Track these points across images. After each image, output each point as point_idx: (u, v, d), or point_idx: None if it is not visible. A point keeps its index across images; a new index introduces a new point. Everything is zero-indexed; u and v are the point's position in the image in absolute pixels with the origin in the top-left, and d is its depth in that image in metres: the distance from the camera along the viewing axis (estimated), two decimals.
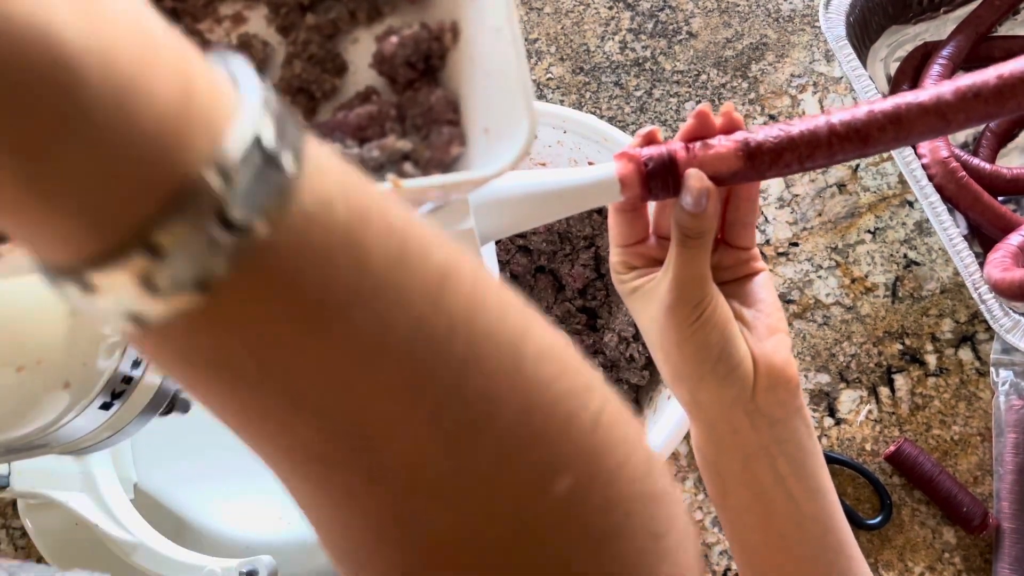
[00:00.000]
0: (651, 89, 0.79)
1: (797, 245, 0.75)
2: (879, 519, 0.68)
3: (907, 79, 0.75)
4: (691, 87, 0.79)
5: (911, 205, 0.75)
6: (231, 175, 0.18)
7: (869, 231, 0.75)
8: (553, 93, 0.79)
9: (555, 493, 0.23)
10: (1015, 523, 0.66)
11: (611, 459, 0.24)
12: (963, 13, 0.77)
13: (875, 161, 0.76)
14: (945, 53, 0.73)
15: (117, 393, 0.39)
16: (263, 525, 0.66)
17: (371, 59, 0.34)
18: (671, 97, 0.79)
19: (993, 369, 0.70)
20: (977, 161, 0.71)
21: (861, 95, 0.70)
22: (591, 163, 0.66)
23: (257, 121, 0.19)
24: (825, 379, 0.72)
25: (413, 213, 0.22)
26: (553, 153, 0.67)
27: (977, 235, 0.71)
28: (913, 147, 0.69)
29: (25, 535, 0.69)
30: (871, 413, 0.71)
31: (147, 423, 0.43)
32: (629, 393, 0.70)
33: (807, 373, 0.72)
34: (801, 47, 0.80)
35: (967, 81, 0.35)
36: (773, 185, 0.76)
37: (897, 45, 0.78)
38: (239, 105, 0.19)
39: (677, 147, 0.40)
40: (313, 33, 0.34)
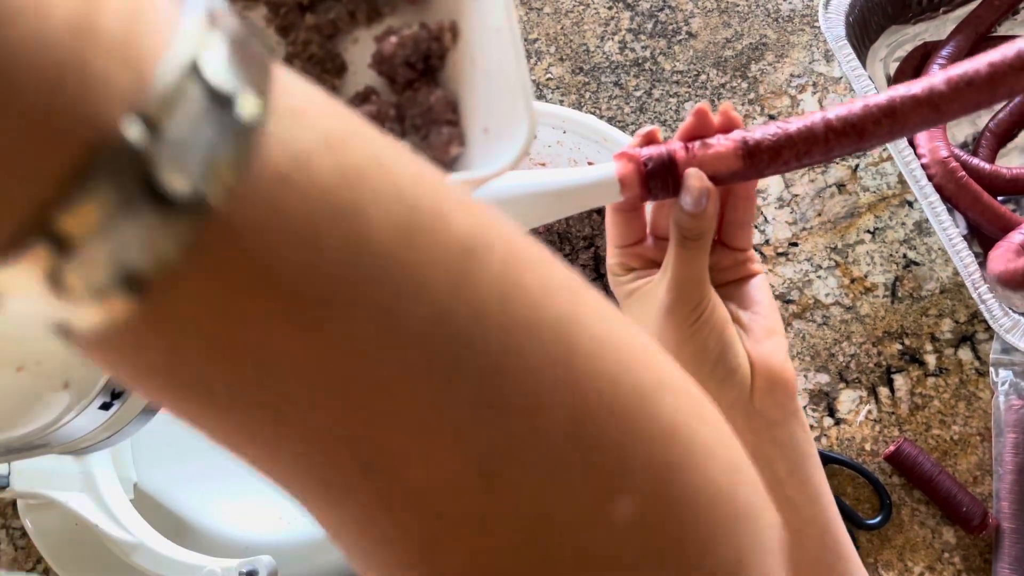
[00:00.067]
0: (651, 89, 0.79)
1: (796, 245, 0.75)
2: (879, 519, 0.68)
3: (907, 79, 0.75)
4: (691, 87, 0.79)
5: (911, 205, 0.75)
6: (159, 124, 0.13)
7: (869, 231, 0.75)
8: (553, 93, 0.79)
9: (618, 517, 0.19)
10: (1015, 523, 0.66)
11: (689, 473, 0.19)
12: (963, 13, 0.77)
13: (874, 161, 0.76)
14: (945, 53, 0.73)
15: (117, 393, 0.39)
16: (263, 525, 0.66)
17: (370, 59, 0.34)
18: (671, 97, 0.79)
19: (993, 369, 0.70)
20: (977, 161, 0.71)
21: (860, 95, 0.70)
22: (591, 163, 0.66)
23: (197, 43, 0.13)
24: (825, 379, 0.72)
25: (424, 165, 0.18)
26: (553, 153, 0.67)
27: (977, 235, 0.71)
28: (913, 147, 0.69)
29: (25, 535, 0.69)
30: (871, 413, 0.71)
31: (147, 423, 0.43)
32: None
33: (807, 373, 0.72)
34: (801, 47, 0.80)
35: (958, 71, 0.35)
36: (772, 185, 0.76)
37: (897, 45, 0.78)
38: (174, 22, 0.13)
39: (676, 147, 0.40)
40: (313, 33, 0.34)
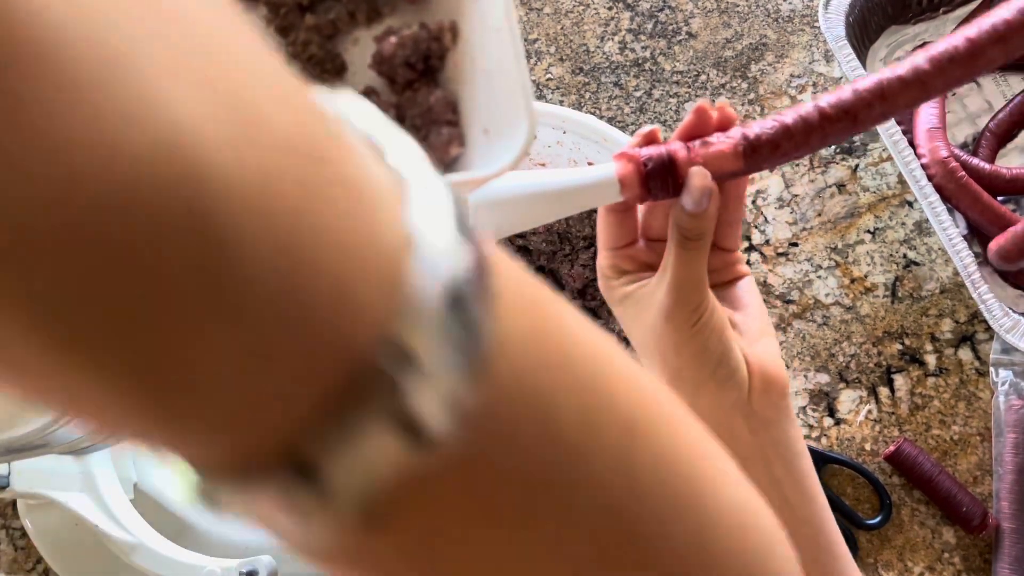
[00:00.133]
0: (651, 89, 0.79)
1: (797, 245, 0.75)
2: (879, 519, 0.68)
3: None
4: (691, 87, 0.79)
5: (911, 205, 0.75)
6: (415, 351, 0.12)
7: (869, 231, 0.75)
8: (552, 93, 0.79)
9: None
10: (1015, 523, 0.66)
11: None
12: (962, 13, 0.77)
13: (874, 161, 0.76)
14: None
15: None
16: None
17: (370, 59, 0.34)
18: (671, 97, 0.79)
19: (993, 369, 0.70)
20: (976, 161, 0.71)
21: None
22: (591, 163, 0.66)
23: (444, 251, 0.13)
24: (825, 379, 0.72)
25: (592, 327, 0.18)
26: (552, 153, 0.67)
27: (977, 235, 0.71)
28: (913, 147, 0.69)
29: (25, 535, 0.69)
30: (871, 413, 0.71)
31: None
32: None
33: (807, 373, 0.72)
34: (801, 47, 0.80)
35: (939, 49, 0.37)
36: (772, 185, 0.76)
37: (897, 45, 0.78)
38: (420, 226, 0.13)
39: (676, 147, 0.40)
40: (312, 34, 0.34)
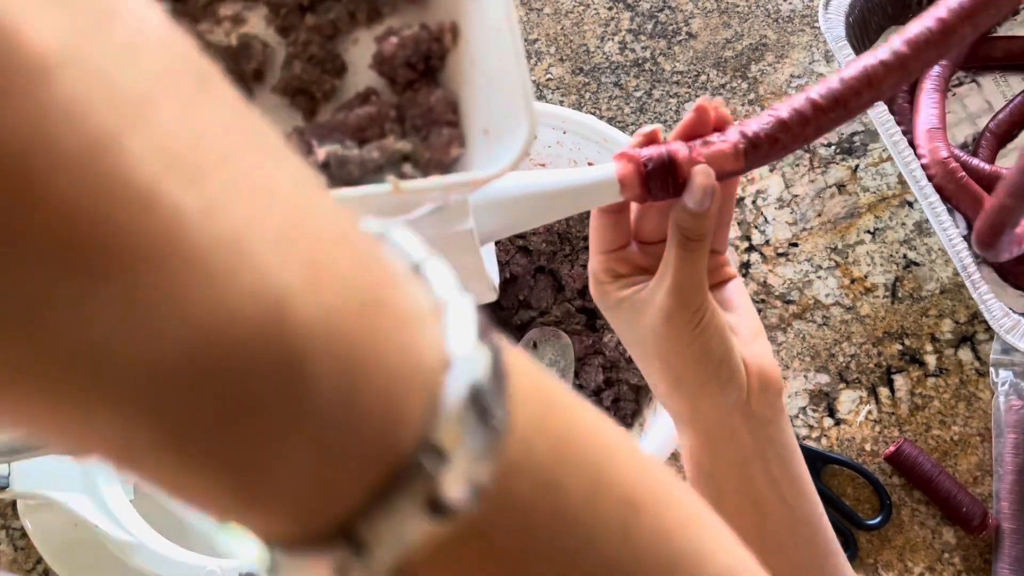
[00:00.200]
0: (651, 90, 0.79)
1: (797, 245, 0.75)
2: (879, 519, 0.68)
3: None
4: (691, 88, 0.79)
5: (911, 205, 0.75)
6: (448, 449, 0.15)
7: (869, 231, 0.75)
8: (553, 94, 0.79)
9: None
10: (1015, 523, 0.66)
11: None
12: None
13: (874, 161, 0.76)
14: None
15: None
16: None
17: (371, 60, 0.34)
18: (671, 98, 0.79)
19: (993, 369, 0.70)
20: (976, 162, 0.71)
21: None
22: (591, 164, 0.66)
23: (472, 364, 0.16)
24: (825, 379, 0.72)
25: (599, 415, 0.20)
26: (553, 154, 0.67)
27: None
28: (913, 148, 0.69)
29: (25, 536, 0.69)
30: (871, 413, 0.71)
31: None
32: (629, 394, 0.70)
33: (807, 373, 0.72)
34: (801, 48, 0.80)
35: (914, 32, 0.38)
36: (772, 185, 0.76)
37: None
38: (451, 345, 0.16)
39: (676, 147, 0.40)
40: (313, 34, 0.34)
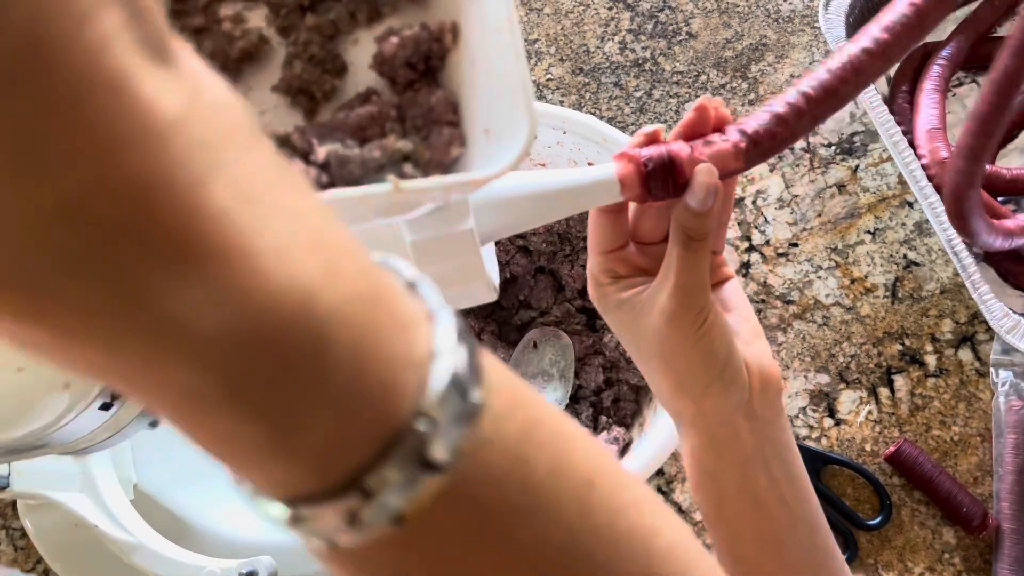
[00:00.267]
0: (651, 90, 0.79)
1: (797, 245, 0.75)
2: (879, 519, 0.68)
3: (907, 80, 0.75)
4: (691, 88, 0.79)
5: (911, 206, 0.75)
6: (436, 417, 0.19)
7: (869, 232, 0.75)
8: (553, 94, 0.79)
9: None
10: (1015, 524, 0.66)
11: None
12: (963, 14, 0.77)
13: (875, 162, 0.76)
14: (945, 54, 0.73)
15: (117, 394, 0.39)
16: (263, 525, 0.66)
17: (371, 60, 0.34)
18: (671, 98, 0.79)
19: (993, 370, 0.70)
20: None
21: (860, 96, 0.70)
22: (591, 164, 0.66)
23: (453, 358, 0.20)
24: (825, 379, 0.72)
25: (561, 413, 0.24)
26: (553, 154, 0.67)
27: None
28: (913, 148, 0.69)
29: (25, 536, 0.69)
30: (871, 414, 0.71)
31: (147, 424, 0.43)
32: (629, 394, 0.70)
33: (807, 373, 0.72)
34: (801, 48, 0.80)
35: (891, 19, 0.40)
36: (772, 185, 0.76)
37: None
38: (438, 342, 0.20)
39: (677, 147, 0.40)
40: (313, 34, 0.34)
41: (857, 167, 0.76)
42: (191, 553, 0.57)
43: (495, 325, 0.74)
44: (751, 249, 0.75)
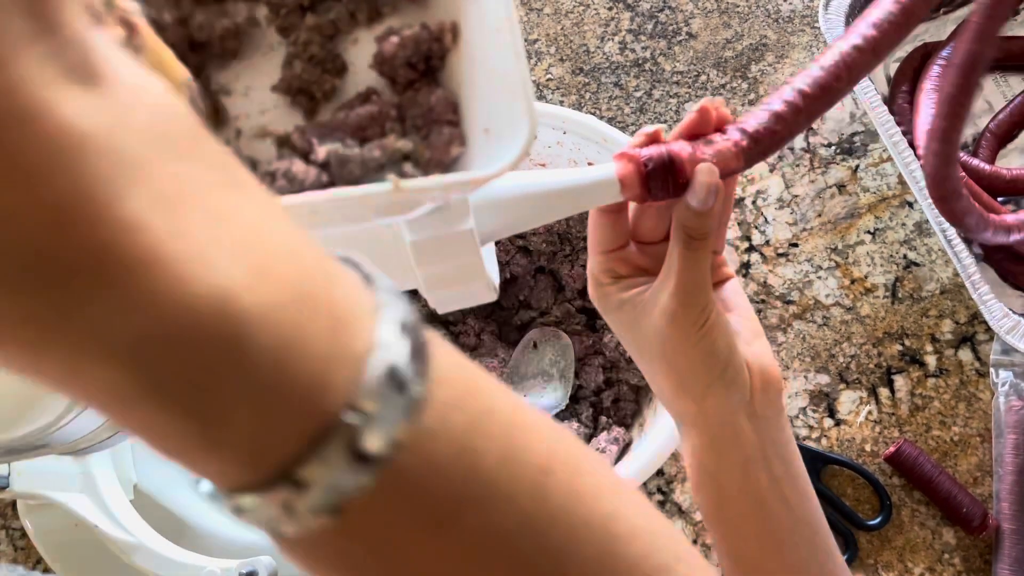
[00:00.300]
0: (651, 90, 0.79)
1: (797, 246, 0.75)
2: (879, 520, 0.68)
3: (906, 80, 0.75)
4: (691, 88, 0.79)
5: (911, 206, 0.75)
6: (368, 410, 0.20)
7: (869, 232, 0.75)
8: (553, 94, 0.79)
9: None
10: (1015, 524, 0.66)
11: None
12: (963, 14, 0.77)
13: (875, 162, 0.76)
14: (945, 54, 0.73)
15: None
16: None
17: (371, 60, 0.34)
18: (671, 98, 0.79)
19: (993, 370, 0.70)
20: (976, 162, 0.71)
21: (860, 96, 0.70)
22: (591, 164, 0.66)
23: (393, 350, 0.20)
24: (825, 380, 0.72)
25: (519, 401, 0.24)
26: (553, 154, 0.67)
27: None
28: (912, 148, 0.69)
29: (25, 536, 0.69)
30: (871, 414, 0.71)
31: None
32: (629, 394, 0.70)
33: (807, 374, 0.72)
34: (801, 48, 0.80)
35: (878, 16, 0.41)
36: (772, 186, 0.76)
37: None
38: (378, 336, 0.20)
39: (677, 147, 0.40)
40: (313, 34, 0.34)
41: (857, 167, 0.76)
42: (191, 553, 0.57)
43: (495, 325, 0.74)
44: (751, 249, 0.75)
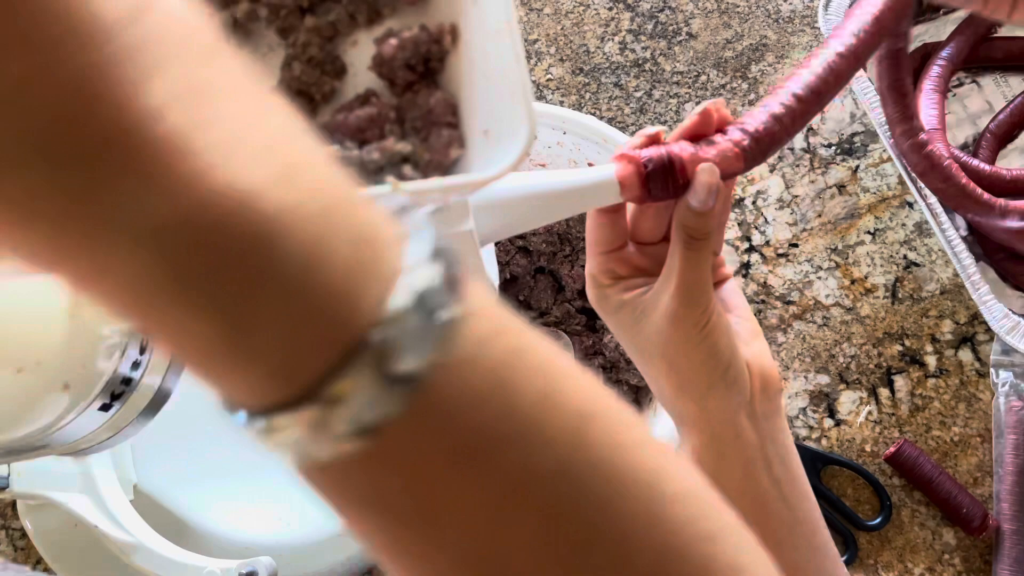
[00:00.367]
0: (651, 90, 0.79)
1: (797, 246, 0.75)
2: (879, 520, 0.68)
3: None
4: (691, 88, 0.79)
5: (911, 206, 0.75)
6: (397, 330, 0.19)
7: (869, 232, 0.75)
8: (553, 94, 0.79)
9: None
10: (1015, 524, 0.66)
11: None
12: (963, 15, 0.77)
13: (875, 162, 0.76)
14: (944, 54, 0.73)
15: (116, 395, 0.39)
16: (263, 526, 0.66)
17: (370, 61, 0.34)
18: (671, 98, 0.79)
19: (993, 370, 0.70)
20: (976, 162, 0.71)
21: (860, 96, 0.70)
22: (591, 164, 0.66)
23: (424, 275, 0.20)
24: (825, 380, 0.72)
25: (556, 348, 0.23)
26: (553, 154, 0.67)
27: (976, 236, 0.71)
28: None
29: (25, 536, 0.69)
30: (871, 414, 0.71)
31: (147, 424, 0.43)
32: (629, 394, 0.70)
33: (807, 374, 0.72)
34: (801, 48, 0.80)
35: (855, 26, 0.43)
36: (772, 186, 0.76)
37: None
38: (408, 259, 0.20)
39: (677, 148, 0.40)
40: (313, 35, 0.34)
41: (857, 167, 0.76)
42: (191, 553, 0.57)
43: None
44: (751, 249, 0.75)
